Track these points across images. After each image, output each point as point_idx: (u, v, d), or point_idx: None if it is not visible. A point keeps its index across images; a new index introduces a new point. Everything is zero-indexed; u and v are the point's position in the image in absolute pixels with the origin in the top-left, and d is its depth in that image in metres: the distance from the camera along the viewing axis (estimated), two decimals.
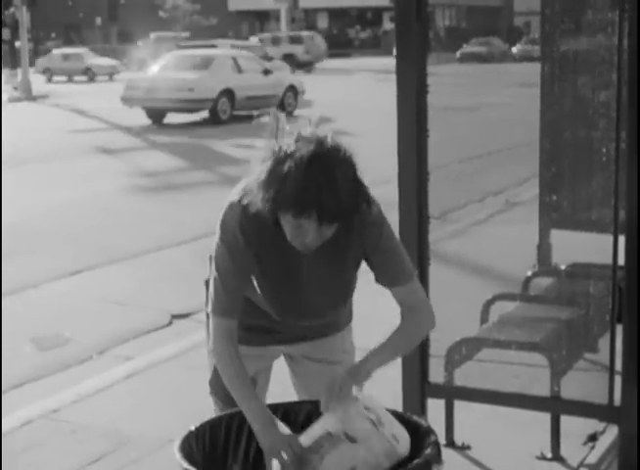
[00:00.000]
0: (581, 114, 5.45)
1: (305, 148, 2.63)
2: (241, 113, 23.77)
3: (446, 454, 3.09)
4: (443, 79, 4.68)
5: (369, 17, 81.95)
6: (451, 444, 4.52)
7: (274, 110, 2.91)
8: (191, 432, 2.84)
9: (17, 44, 40.72)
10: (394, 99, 4.05)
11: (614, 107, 3.96)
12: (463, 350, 4.50)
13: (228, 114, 23.38)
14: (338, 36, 77.34)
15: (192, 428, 2.85)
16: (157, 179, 14.32)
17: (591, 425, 4.55)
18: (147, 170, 15.31)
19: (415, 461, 2.61)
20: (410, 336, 3.00)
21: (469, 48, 51.26)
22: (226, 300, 2.91)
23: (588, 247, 4.93)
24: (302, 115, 21.47)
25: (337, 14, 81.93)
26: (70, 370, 6.12)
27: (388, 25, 74.95)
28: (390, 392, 4.19)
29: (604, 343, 4.33)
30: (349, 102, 28.36)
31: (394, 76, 4.04)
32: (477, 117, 18.15)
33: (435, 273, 4.20)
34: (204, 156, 17.14)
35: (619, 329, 3.96)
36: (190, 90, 22.58)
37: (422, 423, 2.82)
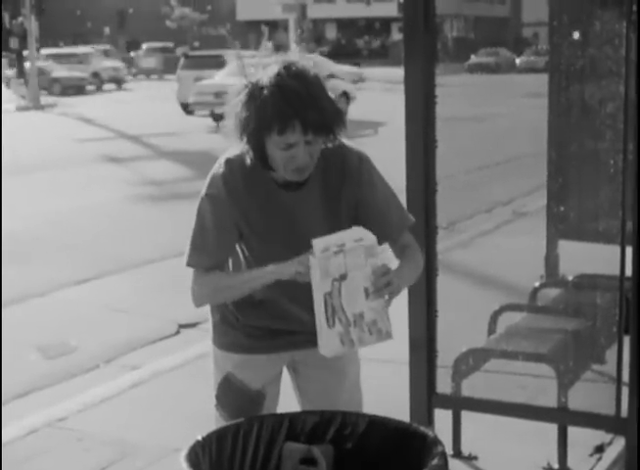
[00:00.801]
0: (588, 125, 5.44)
1: (273, 68, 2.76)
2: None
3: (453, 465, 3.10)
4: (451, 90, 4.68)
5: (377, 27, 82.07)
6: (458, 454, 4.52)
7: (237, 51, 3.00)
8: (197, 441, 2.83)
9: (25, 53, 40.82)
10: (403, 109, 4.05)
11: (621, 118, 3.96)
12: (470, 360, 4.49)
13: None
14: (346, 46, 77.43)
15: (199, 438, 2.84)
16: (163, 188, 14.34)
17: (598, 436, 4.54)
18: (153, 179, 15.33)
19: None
20: (415, 261, 3.02)
21: (477, 59, 51.28)
22: (209, 252, 2.92)
23: (595, 258, 4.92)
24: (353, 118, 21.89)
25: (345, 24, 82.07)
26: (77, 379, 6.12)
27: (396, 36, 75.07)
28: (398, 402, 4.19)
29: (611, 354, 4.32)
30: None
31: (402, 86, 4.04)
32: (484, 128, 18.14)
33: (443, 284, 4.20)
34: (211, 165, 17.13)
35: (627, 340, 3.96)
36: None
37: (429, 433, 2.82)
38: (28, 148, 19.79)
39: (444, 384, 4.35)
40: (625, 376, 3.98)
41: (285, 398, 3.31)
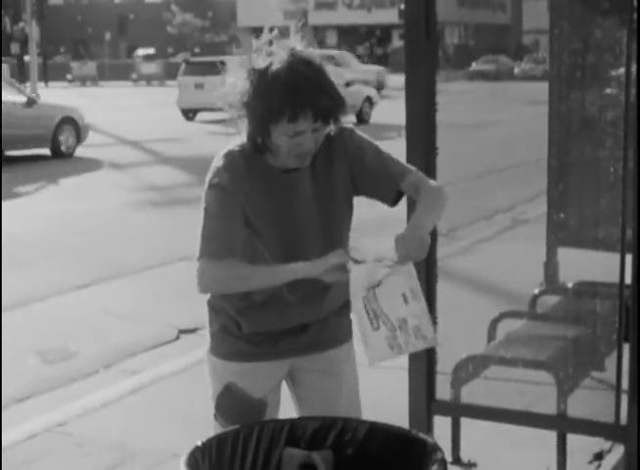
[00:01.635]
0: (589, 132, 5.46)
1: (280, 56, 2.75)
2: None
3: None
4: (452, 97, 4.69)
5: (378, 34, 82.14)
6: (457, 461, 4.52)
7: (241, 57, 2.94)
8: (197, 447, 2.83)
9: (26, 58, 40.88)
10: (403, 116, 4.06)
11: (621, 126, 3.96)
12: (470, 367, 4.50)
13: None
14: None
15: (198, 443, 2.84)
16: (164, 194, 14.36)
17: (597, 443, 4.55)
18: (154, 184, 15.35)
19: None
20: (430, 201, 2.99)
21: (477, 66, 51.31)
22: (221, 240, 2.86)
23: (595, 265, 4.93)
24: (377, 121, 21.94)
25: (346, 31, 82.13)
26: (76, 384, 6.12)
27: (397, 43, 75.13)
28: (397, 409, 4.19)
29: (610, 361, 4.32)
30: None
31: (402, 93, 4.06)
32: (485, 135, 18.16)
33: (443, 290, 4.20)
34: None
35: (626, 348, 3.96)
36: None
37: (428, 440, 2.82)
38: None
39: (444, 390, 4.35)
40: (625, 383, 3.99)
41: (283, 405, 3.32)
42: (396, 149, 3.29)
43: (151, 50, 66.54)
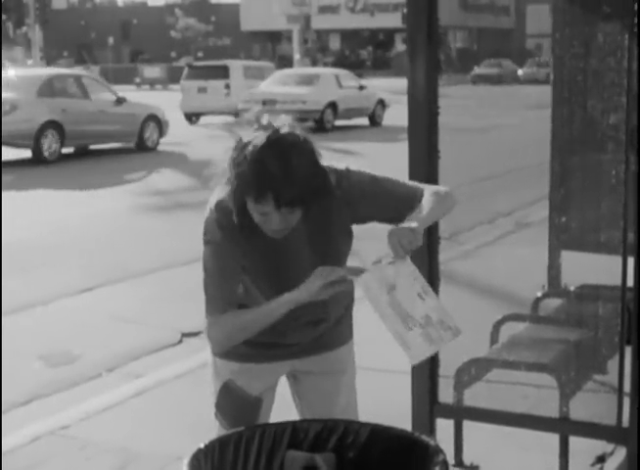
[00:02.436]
0: (591, 136, 5.46)
1: (262, 135, 2.74)
2: (340, 123, 27.60)
3: None
4: (454, 101, 4.70)
5: (381, 38, 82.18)
6: (460, 464, 4.53)
7: (259, 109, 2.97)
8: (200, 449, 2.84)
9: (29, 63, 40.94)
10: (405, 120, 4.07)
11: (623, 129, 3.97)
12: (472, 370, 4.50)
13: (332, 123, 27.05)
14: (349, 57, 77.55)
15: (201, 445, 2.85)
16: (167, 197, 14.38)
17: (600, 446, 4.55)
18: (158, 189, 15.37)
19: None
20: (442, 198, 3.03)
21: (480, 70, 51.34)
22: (221, 297, 2.93)
23: (597, 268, 4.93)
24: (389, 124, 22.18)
25: (349, 35, 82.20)
26: (79, 387, 6.13)
27: (400, 47, 75.14)
28: (400, 412, 4.20)
29: (613, 364, 4.32)
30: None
31: (403, 97, 4.07)
32: (487, 139, 18.18)
33: (446, 294, 4.20)
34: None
35: (628, 350, 3.97)
36: (303, 102, 26.21)
37: (430, 442, 2.83)
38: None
39: (446, 393, 4.36)
40: (627, 386, 3.99)
41: (283, 405, 3.33)
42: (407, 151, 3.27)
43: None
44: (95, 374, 6.36)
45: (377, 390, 3.11)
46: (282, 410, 3.27)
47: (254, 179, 2.70)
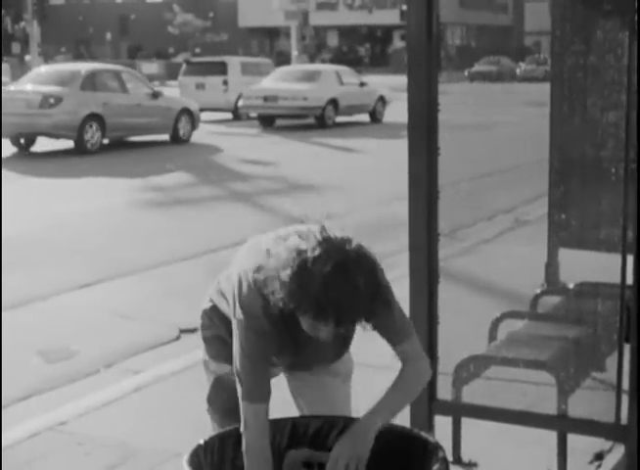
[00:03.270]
0: (590, 133, 5.46)
1: (328, 255, 2.65)
2: (341, 119, 27.64)
3: None
4: (453, 98, 4.69)
5: (379, 35, 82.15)
6: (458, 461, 4.53)
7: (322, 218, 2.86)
8: (200, 445, 2.85)
9: (27, 58, 40.90)
10: (405, 117, 4.07)
11: (622, 127, 3.97)
12: (471, 367, 4.51)
13: (332, 119, 27.18)
14: (348, 54, 77.52)
15: (201, 441, 2.86)
16: (166, 194, 14.37)
17: (598, 443, 4.56)
18: (157, 185, 15.36)
19: None
20: (409, 389, 3.04)
21: (479, 67, 51.28)
22: (257, 385, 2.95)
23: (596, 266, 4.94)
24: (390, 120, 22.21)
25: (347, 32, 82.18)
26: (78, 383, 6.13)
27: (398, 44, 75.13)
28: None
29: (611, 362, 4.33)
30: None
31: (403, 93, 4.07)
32: (486, 136, 18.16)
33: (445, 291, 4.21)
34: (215, 171, 17.19)
35: (627, 348, 3.97)
36: (304, 99, 26.41)
37: (430, 439, 2.84)
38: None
39: (445, 390, 4.36)
40: (625, 384, 4.00)
41: (284, 405, 3.33)
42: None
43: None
44: (93, 370, 6.36)
45: (375, 386, 3.11)
46: (280, 407, 3.27)
47: (318, 305, 2.65)
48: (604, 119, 5.22)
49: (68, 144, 20.17)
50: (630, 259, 3.88)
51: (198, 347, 6.34)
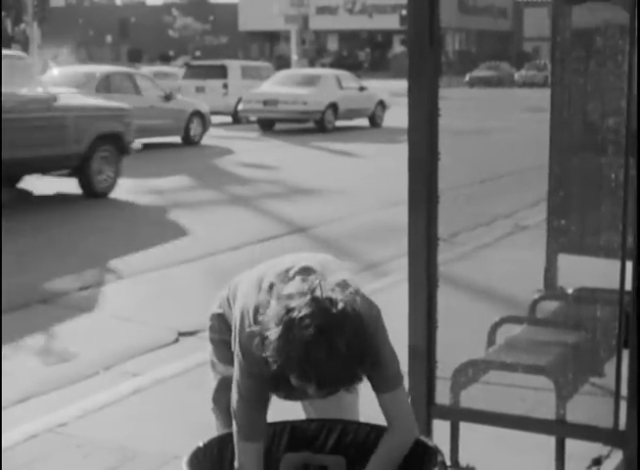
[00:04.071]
0: (590, 139, 5.47)
1: (313, 318, 2.64)
2: (341, 123, 27.99)
3: None
4: (453, 103, 4.70)
5: (379, 39, 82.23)
6: (456, 465, 4.52)
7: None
8: (199, 448, 2.86)
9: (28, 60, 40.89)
10: (405, 121, 4.08)
11: (622, 133, 3.98)
12: (469, 372, 4.51)
13: (332, 123, 27.41)
14: (347, 58, 77.59)
15: (200, 444, 2.87)
16: (165, 197, 14.37)
17: (596, 449, 4.56)
18: (156, 187, 15.36)
19: None
20: (392, 460, 2.98)
21: (479, 72, 51.36)
22: (251, 425, 2.95)
23: (595, 271, 4.94)
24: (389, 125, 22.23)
25: (347, 36, 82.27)
26: (77, 385, 6.13)
27: (397, 48, 75.21)
28: None
29: (610, 367, 4.33)
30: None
31: (402, 98, 4.07)
32: (486, 141, 18.19)
33: (443, 295, 4.22)
34: (212, 174, 17.21)
35: (626, 354, 3.98)
36: (304, 103, 26.64)
37: (428, 443, 2.85)
38: None
39: (443, 395, 4.37)
40: (624, 389, 4.00)
41: (284, 404, 3.33)
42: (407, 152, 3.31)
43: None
44: (92, 372, 6.36)
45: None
46: (281, 410, 3.28)
47: (300, 367, 2.65)
48: (604, 125, 5.23)
49: None
50: (629, 265, 3.89)
51: (196, 349, 6.41)
